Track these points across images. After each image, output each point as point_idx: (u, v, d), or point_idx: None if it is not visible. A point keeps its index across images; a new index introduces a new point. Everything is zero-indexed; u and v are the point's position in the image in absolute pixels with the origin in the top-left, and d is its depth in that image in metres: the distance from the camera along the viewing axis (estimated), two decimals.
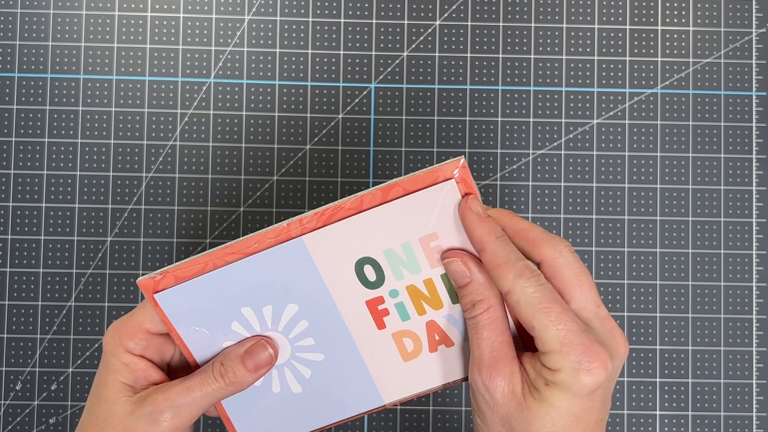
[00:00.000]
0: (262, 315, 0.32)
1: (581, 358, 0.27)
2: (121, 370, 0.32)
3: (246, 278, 0.30)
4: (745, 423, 0.49)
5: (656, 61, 0.51)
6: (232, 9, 0.51)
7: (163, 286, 0.31)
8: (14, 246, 0.49)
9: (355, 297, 0.31)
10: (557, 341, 0.27)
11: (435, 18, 0.51)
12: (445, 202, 0.30)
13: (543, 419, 0.28)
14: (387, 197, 0.29)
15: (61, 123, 0.50)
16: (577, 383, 0.27)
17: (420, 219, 0.30)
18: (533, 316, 0.28)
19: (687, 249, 0.50)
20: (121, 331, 0.32)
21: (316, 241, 0.30)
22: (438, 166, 0.29)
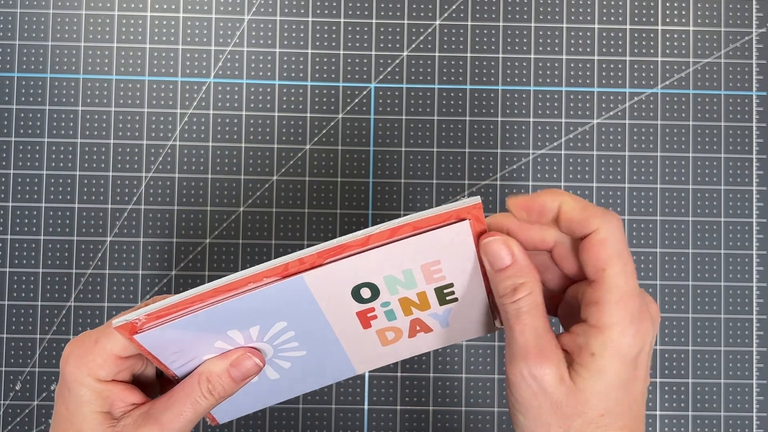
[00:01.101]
0: (248, 333, 0.31)
1: (634, 316, 0.27)
2: (95, 400, 0.30)
3: (237, 310, 0.29)
4: (746, 423, 0.49)
5: (656, 61, 0.51)
6: (231, 9, 0.51)
7: (145, 328, 0.28)
8: (14, 246, 0.49)
9: (347, 311, 0.31)
10: (620, 291, 0.27)
11: (435, 18, 0.51)
12: (455, 239, 0.29)
13: (594, 396, 0.27)
14: (394, 235, 0.28)
15: (60, 123, 0.50)
16: (625, 343, 0.26)
17: (426, 250, 0.29)
18: (611, 259, 0.27)
19: (687, 249, 0.50)
20: (88, 360, 0.30)
21: (317, 278, 0.29)
22: (454, 208, 0.28)
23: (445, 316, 0.32)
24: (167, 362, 0.31)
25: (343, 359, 0.34)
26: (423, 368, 0.49)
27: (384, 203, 0.50)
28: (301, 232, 0.50)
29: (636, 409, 0.28)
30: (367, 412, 0.49)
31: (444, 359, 0.49)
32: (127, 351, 0.30)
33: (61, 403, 0.31)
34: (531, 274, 0.28)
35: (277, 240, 0.50)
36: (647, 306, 0.28)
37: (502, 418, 0.49)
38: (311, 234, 0.50)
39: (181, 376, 0.31)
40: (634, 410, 0.28)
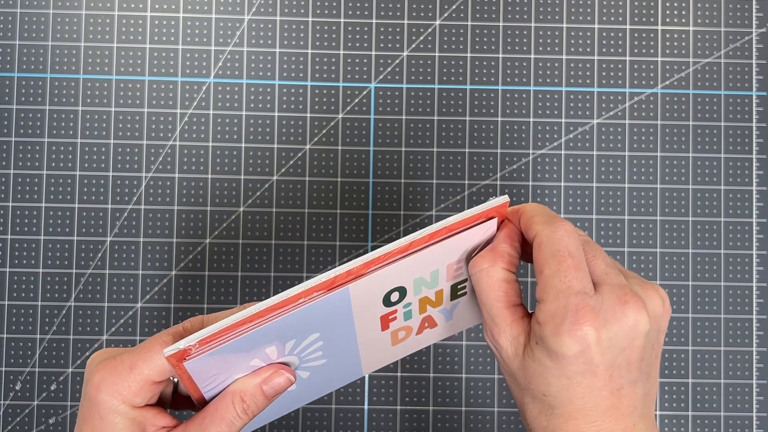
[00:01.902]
0: (284, 347, 0.30)
1: (567, 317, 0.26)
2: (129, 426, 0.29)
3: (281, 327, 0.29)
4: (746, 423, 0.49)
5: (656, 61, 0.51)
6: (231, 9, 0.51)
7: (194, 354, 0.28)
8: (14, 246, 0.49)
9: (374, 316, 0.31)
10: (554, 292, 0.27)
11: (435, 18, 0.51)
12: (483, 237, 0.30)
13: (538, 379, 0.28)
14: (432, 239, 0.29)
15: (60, 123, 0.50)
16: (559, 342, 0.27)
17: (456, 252, 0.30)
18: (546, 260, 0.28)
19: (687, 249, 0.50)
20: (123, 388, 0.29)
21: (360, 287, 0.29)
22: (485, 208, 0.29)
23: (452, 310, 0.33)
24: (202, 386, 0.30)
25: (356, 363, 0.34)
26: (423, 368, 0.49)
27: (384, 203, 0.50)
28: (301, 232, 0.50)
29: (597, 401, 0.28)
30: (367, 412, 0.49)
31: (444, 359, 0.49)
32: (163, 376, 0.29)
33: (89, 429, 0.30)
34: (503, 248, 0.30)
35: (277, 240, 0.50)
36: (615, 302, 0.27)
37: (501, 418, 0.49)
38: (311, 234, 0.50)
39: (209, 399, 0.31)
40: (590, 402, 0.27)
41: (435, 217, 0.50)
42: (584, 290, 0.27)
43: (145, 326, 0.49)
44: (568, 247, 0.28)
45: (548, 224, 0.29)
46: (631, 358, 0.27)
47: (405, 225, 0.50)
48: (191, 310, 0.49)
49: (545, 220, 0.29)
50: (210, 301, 0.49)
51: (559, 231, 0.28)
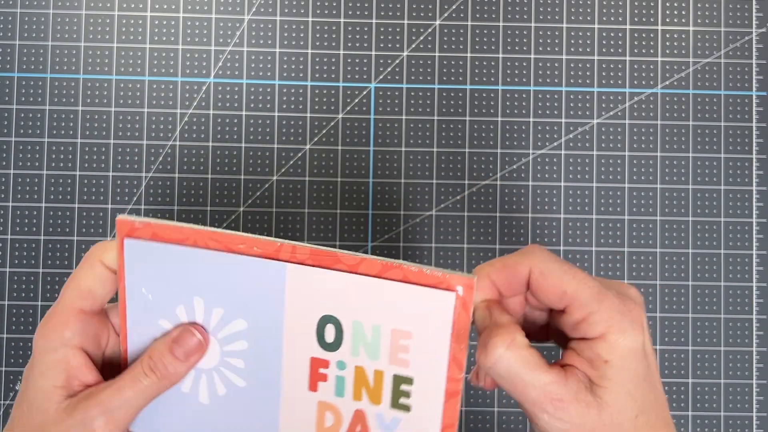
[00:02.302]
0: (210, 315, 0.30)
1: (621, 308, 0.26)
2: (54, 369, 0.29)
3: (214, 271, 0.29)
4: (746, 423, 0.49)
5: (656, 61, 0.51)
6: (231, 9, 0.51)
7: (138, 235, 0.29)
8: (14, 246, 0.49)
9: (304, 348, 0.29)
10: (592, 297, 0.26)
11: (435, 18, 0.51)
12: (436, 312, 0.27)
13: (624, 402, 0.26)
14: (384, 274, 0.28)
15: (60, 123, 0.50)
16: (629, 337, 0.26)
17: (403, 312, 0.28)
18: (562, 280, 0.27)
19: (687, 249, 0.50)
20: (52, 323, 0.29)
21: (298, 274, 0.28)
22: (449, 273, 0.27)
23: (390, 427, 0.29)
24: (129, 312, 0.30)
25: (273, 426, 0.31)
26: None
27: (384, 203, 0.50)
28: (301, 232, 0.50)
29: (661, 399, 0.27)
30: None
31: None
32: (86, 301, 0.29)
33: (23, 384, 0.30)
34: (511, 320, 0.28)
35: None
36: (625, 292, 0.28)
37: (501, 418, 0.49)
38: (311, 234, 0.50)
39: (131, 355, 0.31)
40: (660, 400, 0.27)
41: (435, 217, 0.50)
42: (611, 284, 0.27)
43: None
44: (563, 260, 0.28)
45: (529, 256, 0.28)
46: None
47: (405, 225, 0.50)
48: None
49: (520, 255, 0.28)
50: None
51: (545, 253, 0.28)
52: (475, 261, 0.50)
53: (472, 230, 0.50)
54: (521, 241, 0.50)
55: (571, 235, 0.50)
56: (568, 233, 0.50)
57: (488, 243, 0.50)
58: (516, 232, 0.50)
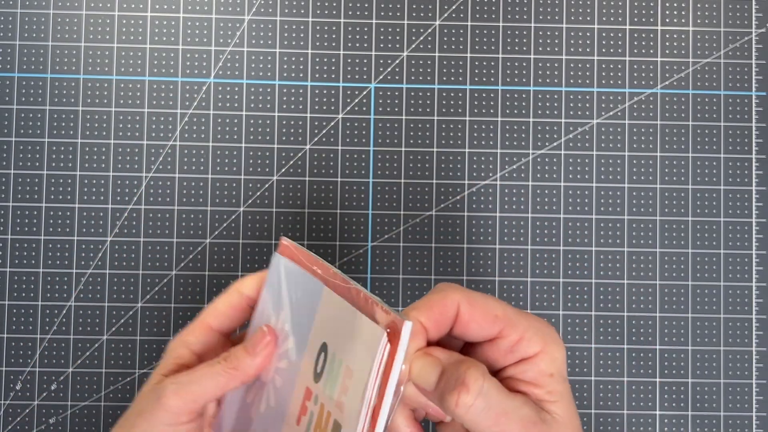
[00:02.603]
0: (282, 326, 0.31)
1: (543, 328, 0.27)
2: (168, 362, 0.32)
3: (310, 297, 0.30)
4: (745, 423, 0.49)
5: (656, 61, 0.51)
6: (232, 9, 0.51)
7: (287, 255, 0.32)
8: (14, 246, 0.49)
9: (306, 376, 0.29)
10: (520, 316, 0.27)
11: (435, 18, 0.51)
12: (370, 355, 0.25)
13: (571, 413, 0.27)
14: (345, 288, 0.27)
15: (61, 123, 0.50)
16: (560, 348, 0.27)
17: (354, 347, 0.26)
18: (490, 306, 0.27)
19: (687, 249, 0.50)
20: (184, 331, 0.33)
21: (327, 297, 0.29)
22: (388, 312, 0.25)
23: None
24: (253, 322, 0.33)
25: None
26: None
27: (384, 203, 0.50)
28: (302, 232, 0.50)
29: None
30: None
31: None
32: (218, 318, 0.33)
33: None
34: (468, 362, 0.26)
35: (278, 240, 0.50)
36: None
37: None
38: (311, 234, 0.50)
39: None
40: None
41: (435, 217, 0.50)
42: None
43: (145, 326, 0.49)
44: (472, 293, 0.28)
45: (442, 294, 0.27)
46: None
47: (405, 225, 0.50)
48: (191, 310, 0.49)
49: (434, 294, 0.27)
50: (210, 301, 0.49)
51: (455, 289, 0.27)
52: (476, 261, 0.50)
53: (471, 230, 0.50)
54: (521, 240, 0.50)
55: (571, 235, 0.50)
56: (567, 233, 0.50)
57: (488, 243, 0.50)
58: (516, 232, 0.50)
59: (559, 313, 0.50)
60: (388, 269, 0.50)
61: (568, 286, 0.50)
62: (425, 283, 0.50)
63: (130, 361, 0.49)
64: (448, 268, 0.50)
